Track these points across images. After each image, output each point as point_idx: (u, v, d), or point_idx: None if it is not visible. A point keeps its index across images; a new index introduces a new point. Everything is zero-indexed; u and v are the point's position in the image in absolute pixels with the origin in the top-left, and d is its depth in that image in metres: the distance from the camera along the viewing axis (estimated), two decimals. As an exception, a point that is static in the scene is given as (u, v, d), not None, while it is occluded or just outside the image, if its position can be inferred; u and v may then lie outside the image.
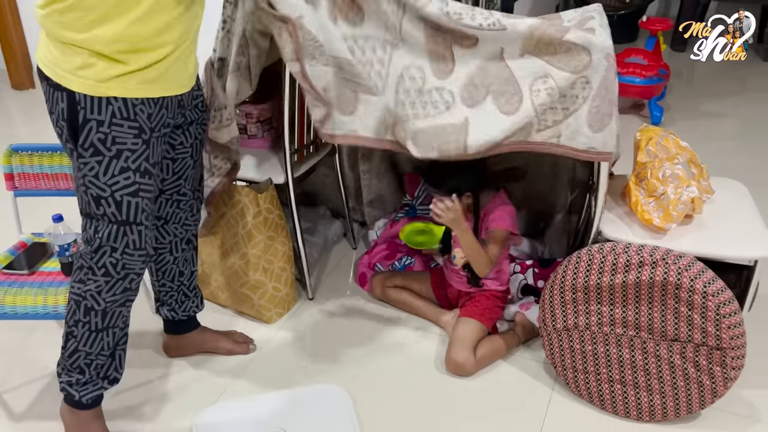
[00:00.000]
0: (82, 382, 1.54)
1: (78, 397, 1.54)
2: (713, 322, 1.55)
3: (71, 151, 1.38)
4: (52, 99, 1.34)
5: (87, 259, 1.44)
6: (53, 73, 1.32)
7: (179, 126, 1.55)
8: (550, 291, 1.73)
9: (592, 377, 1.73)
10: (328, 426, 1.68)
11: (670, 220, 1.65)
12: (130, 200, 1.40)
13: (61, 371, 1.55)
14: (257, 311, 2.04)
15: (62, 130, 1.36)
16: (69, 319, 1.49)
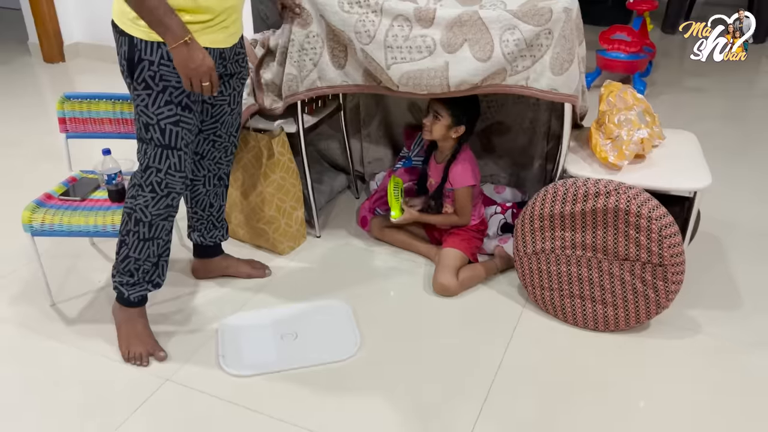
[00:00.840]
0: (131, 283, 1.85)
1: (127, 295, 1.86)
2: (656, 243, 1.84)
3: (129, 84, 1.69)
4: (118, 42, 1.66)
5: (138, 178, 1.76)
6: (120, 21, 1.63)
7: (220, 76, 1.84)
8: (521, 221, 2.03)
9: (557, 294, 2.03)
10: (333, 330, 1.99)
11: (623, 157, 1.94)
12: (172, 128, 1.70)
13: (114, 274, 1.86)
14: (272, 244, 2.35)
15: (123, 68, 1.67)
16: (123, 229, 1.80)
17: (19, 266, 2.28)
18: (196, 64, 1.61)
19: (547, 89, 1.89)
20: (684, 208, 2.04)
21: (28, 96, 3.85)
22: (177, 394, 1.77)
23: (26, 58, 4.42)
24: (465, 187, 2.19)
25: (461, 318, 2.06)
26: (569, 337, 1.99)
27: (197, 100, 1.75)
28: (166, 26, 1.56)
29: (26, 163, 3.00)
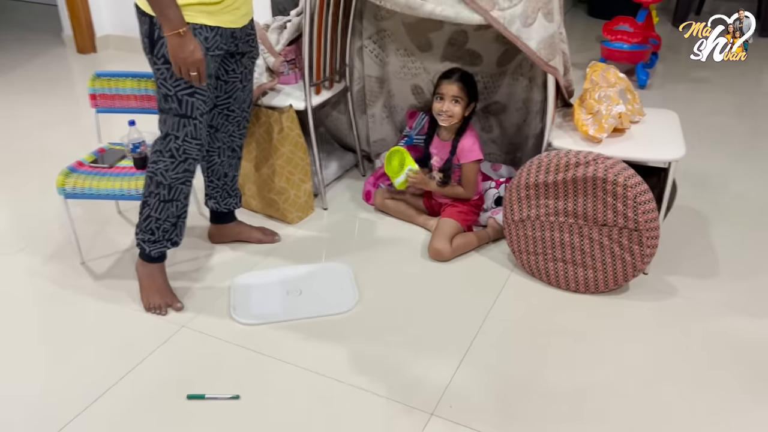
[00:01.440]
0: (152, 240, 2.06)
1: (148, 251, 2.06)
2: (632, 209, 1.99)
3: (150, 60, 1.90)
4: (140, 22, 1.87)
5: (159, 145, 1.96)
6: (142, 3, 1.84)
7: (233, 55, 2.03)
8: (509, 190, 2.20)
9: (541, 258, 2.18)
10: (334, 288, 2.18)
11: (602, 131, 2.10)
12: (188, 99, 1.90)
13: (138, 232, 2.07)
14: (282, 213, 2.54)
15: (145, 45, 1.88)
16: (145, 192, 2.01)
17: (53, 229, 2.50)
18: (185, 55, 1.79)
19: (516, 35, 2.04)
20: (660, 178, 2.18)
21: (62, 83, 4.11)
22: (192, 339, 1.97)
23: (60, 49, 4.69)
24: (472, 162, 2.36)
25: (452, 280, 2.23)
26: (552, 297, 2.15)
27: (212, 75, 1.95)
28: (165, 16, 1.75)
29: (59, 141, 3.24)
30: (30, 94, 3.90)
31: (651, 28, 4.06)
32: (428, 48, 2.59)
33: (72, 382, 1.81)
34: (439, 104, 2.33)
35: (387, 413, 1.70)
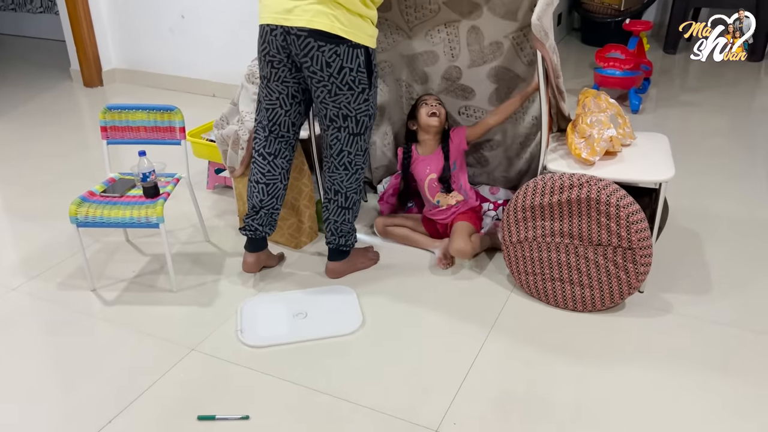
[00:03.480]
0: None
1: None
2: (625, 228, 2.07)
3: (359, 91, 2.11)
4: (348, 56, 2.05)
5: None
6: (356, 35, 2.03)
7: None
8: (506, 212, 2.27)
9: (539, 278, 2.25)
10: (338, 311, 2.24)
11: (595, 154, 2.18)
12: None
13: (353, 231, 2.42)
14: (287, 238, 2.62)
15: (355, 78, 2.08)
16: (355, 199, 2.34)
17: (65, 257, 2.57)
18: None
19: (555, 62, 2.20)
20: (652, 198, 2.26)
21: (70, 116, 4.22)
22: (201, 362, 2.03)
23: (68, 83, 4.81)
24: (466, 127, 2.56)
25: (454, 301, 2.29)
26: (551, 316, 2.21)
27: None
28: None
29: (70, 172, 3.33)
30: (40, 128, 4.00)
31: (642, 54, 4.18)
32: (425, 80, 2.69)
33: (84, 406, 1.86)
34: (426, 108, 2.50)
35: (392, 431, 1.75)
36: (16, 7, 6.06)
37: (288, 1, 2.00)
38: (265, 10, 2.07)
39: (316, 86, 2.09)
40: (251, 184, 2.31)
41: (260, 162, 2.28)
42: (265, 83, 2.19)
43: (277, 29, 2.04)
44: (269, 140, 2.27)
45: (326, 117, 2.16)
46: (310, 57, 2.03)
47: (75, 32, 4.57)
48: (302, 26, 1.99)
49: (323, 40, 2.00)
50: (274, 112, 2.23)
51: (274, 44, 2.07)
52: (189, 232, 2.75)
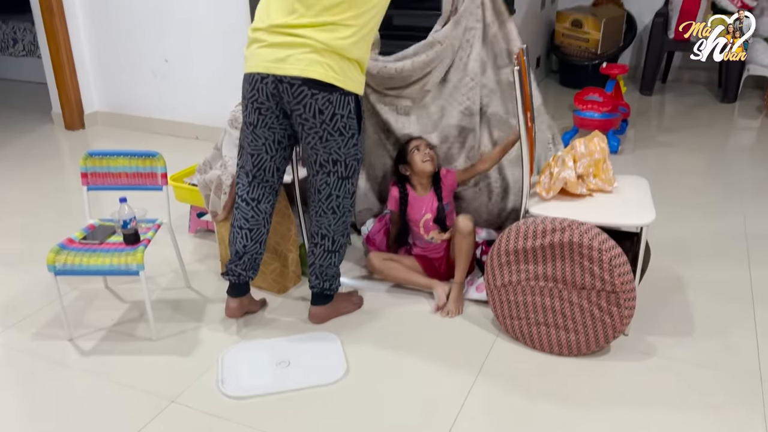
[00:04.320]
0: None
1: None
2: (608, 272, 2.07)
3: (348, 136, 2.14)
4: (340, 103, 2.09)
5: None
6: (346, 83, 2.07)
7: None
8: (490, 257, 2.27)
9: (524, 322, 2.24)
10: (322, 358, 2.20)
11: (550, 191, 2.25)
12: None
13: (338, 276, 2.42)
14: (269, 284, 2.59)
15: (346, 123, 2.12)
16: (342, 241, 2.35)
17: (42, 305, 2.52)
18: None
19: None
20: (633, 242, 2.27)
21: (51, 160, 4.18)
22: (181, 414, 1.98)
23: (49, 126, 4.79)
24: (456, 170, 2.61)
25: (439, 347, 2.27)
26: (536, 361, 2.19)
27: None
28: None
29: (49, 216, 3.28)
30: (20, 170, 3.96)
31: (620, 97, 4.26)
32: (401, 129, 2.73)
33: (60, 462, 1.80)
34: (419, 154, 2.53)
35: (378, 483, 1.71)
36: (-2, 51, 6.06)
37: (281, 51, 2.02)
38: (255, 58, 2.08)
39: (308, 132, 2.11)
40: (234, 230, 2.30)
41: (243, 207, 2.27)
42: (251, 129, 2.19)
43: (269, 77, 2.06)
44: (252, 186, 2.26)
45: (316, 162, 2.17)
46: (303, 105, 2.05)
47: (57, 75, 4.58)
48: (296, 75, 2.01)
49: (317, 88, 2.02)
50: (260, 158, 2.22)
51: (264, 92, 2.09)
52: (170, 277, 2.71)
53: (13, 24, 5.93)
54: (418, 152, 2.52)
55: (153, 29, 4.36)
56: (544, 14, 5.54)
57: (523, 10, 4.86)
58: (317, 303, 2.37)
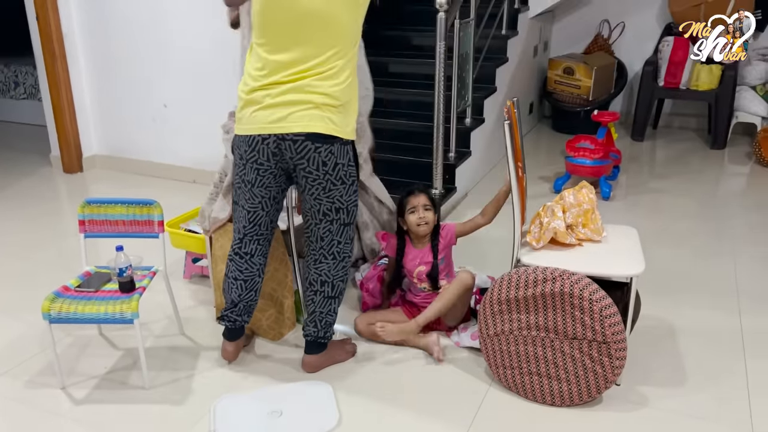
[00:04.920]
0: None
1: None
2: (599, 322, 2.09)
3: (349, 184, 2.22)
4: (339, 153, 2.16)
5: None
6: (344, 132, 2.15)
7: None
8: (483, 305, 2.29)
9: (517, 372, 2.25)
10: (314, 408, 2.20)
11: (539, 240, 2.28)
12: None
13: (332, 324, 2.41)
14: (264, 331, 2.60)
15: (346, 172, 2.19)
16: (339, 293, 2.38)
17: (35, 353, 2.52)
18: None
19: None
20: (624, 292, 2.30)
21: (49, 203, 4.22)
22: (172, 465, 1.97)
23: (47, 169, 4.84)
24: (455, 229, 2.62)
25: (432, 397, 2.27)
26: (529, 411, 2.19)
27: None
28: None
29: (45, 261, 3.30)
30: (18, 214, 3.99)
31: (611, 143, 4.34)
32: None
33: None
34: (414, 216, 2.53)
35: None
36: (-1, 93, 6.15)
37: (280, 110, 2.07)
38: (253, 121, 2.12)
39: (311, 185, 2.15)
40: (229, 281, 2.32)
41: (237, 261, 2.30)
42: (249, 188, 2.22)
43: (270, 137, 2.10)
44: (245, 242, 2.29)
45: (319, 212, 2.21)
46: (306, 159, 2.10)
47: (57, 119, 4.64)
48: (299, 132, 2.06)
49: (320, 141, 2.08)
50: (256, 215, 2.26)
51: (265, 152, 2.13)
52: (164, 324, 2.72)
53: (14, 67, 6.03)
54: (413, 214, 2.54)
55: (153, 74, 4.45)
56: (537, 61, 5.67)
57: (516, 57, 4.98)
58: (312, 351, 2.38)
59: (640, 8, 5.70)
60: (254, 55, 2.14)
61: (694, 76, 5.21)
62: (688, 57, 5.20)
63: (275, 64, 2.07)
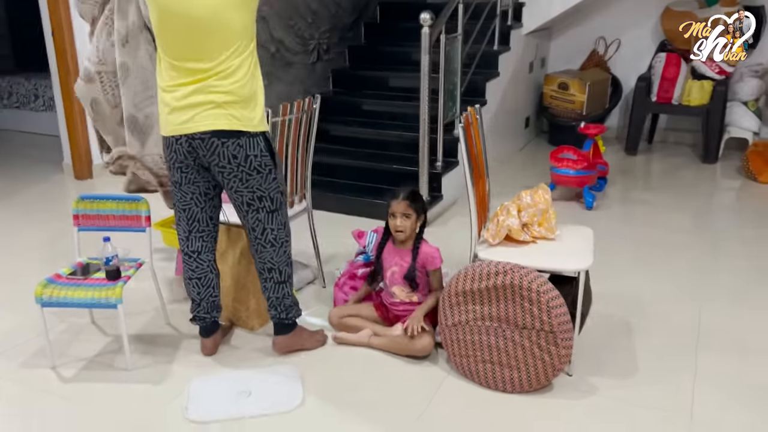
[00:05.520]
0: None
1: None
2: (546, 312, 2.23)
3: (268, 172, 2.36)
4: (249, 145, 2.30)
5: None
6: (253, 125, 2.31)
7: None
8: (443, 297, 2.44)
9: (472, 360, 2.38)
10: (281, 388, 2.36)
11: (495, 237, 2.44)
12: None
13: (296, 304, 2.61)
14: (243, 321, 2.77)
15: (261, 162, 2.33)
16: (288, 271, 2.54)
17: (30, 338, 2.72)
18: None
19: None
20: (572, 285, 2.43)
21: (58, 206, 4.45)
22: (145, 436, 2.14)
23: (59, 176, 5.09)
24: (438, 268, 2.59)
25: (392, 382, 2.42)
26: (483, 397, 2.33)
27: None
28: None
29: (47, 259, 3.52)
30: (27, 216, 4.24)
31: (598, 155, 4.46)
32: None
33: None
34: (392, 221, 2.58)
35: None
36: (20, 105, 6.47)
37: (187, 112, 2.24)
38: (167, 123, 2.30)
39: (228, 178, 2.32)
40: (186, 281, 2.53)
41: (187, 260, 2.49)
42: (178, 187, 2.41)
43: (182, 138, 2.29)
44: (191, 239, 2.47)
45: (243, 203, 2.37)
46: (217, 154, 2.27)
47: (69, 128, 4.91)
48: (205, 130, 2.25)
49: (225, 137, 2.25)
50: (191, 212, 2.43)
51: (181, 152, 2.32)
52: (150, 315, 2.91)
53: (35, 81, 6.35)
54: (392, 219, 2.57)
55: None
56: (533, 77, 5.83)
57: (509, 72, 5.14)
58: (280, 333, 2.55)
59: (636, 26, 5.84)
60: (161, 61, 2.30)
61: (686, 92, 5.33)
62: (680, 73, 5.33)
63: (178, 69, 2.24)
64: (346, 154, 4.53)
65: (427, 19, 3.64)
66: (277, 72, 4.67)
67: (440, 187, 4.11)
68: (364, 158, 4.43)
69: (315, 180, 3.11)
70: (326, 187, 4.17)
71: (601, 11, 5.93)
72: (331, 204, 4.09)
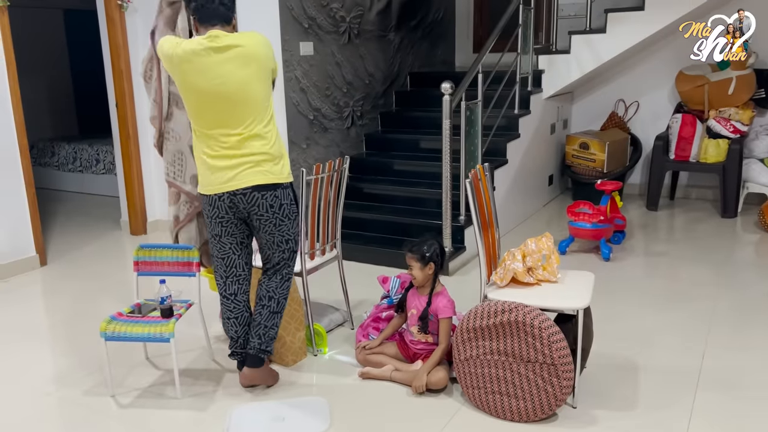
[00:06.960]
0: None
1: None
2: (547, 346, 2.48)
3: (291, 220, 2.77)
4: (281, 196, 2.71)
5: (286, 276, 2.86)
6: (283, 177, 2.72)
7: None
8: (456, 333, 2.71)
9: (482, 391, 2.63)
10: (310, 416, 2.65)
11: (502, 280, 2.70)
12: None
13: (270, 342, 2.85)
14: (279, 357, 3.08)
15: (288, 210, 2.74)
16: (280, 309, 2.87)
17: (94, 369, 3.07)
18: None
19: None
20: (572, 323, 2.68)
21: (116, 259, 4.90)
22: (191, 453, 2.44)
23: (117, 232, 5.57)
24: (447, 318, 2.85)
25: (411, 412, 2.67)
26: (494, 426, 2.56)
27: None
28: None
29: (109, 303, 3.91)
30: (88, 268, 4.68)
31: (615, 210, 4.72)
32: None
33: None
34: (408, 272, 2.94)
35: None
36: (83, 169, 7.08)
37: (228, 172, 2.61)
38: (209, 184, 2.65)
39: (264, 224, 2.70)
40: (224, 320, 2.86)
41: (225, 302, 2.83)
42: (218, 239, 2.76)
43: (224, 195, 2.66)
44: (227, 284, 2.82)
45: (274, 243, 2.75)
46: (257, 205, 2.66)
47: (128, 189, 5.41)
48: (246, 186, 2.63)
49: (264, 189, 2.65)
50: (230, 260, 2.79)
51: (222, 207, 2.68)
52: (198, 352, 3.24)
53: (97, 146, 6.97)
54: (409, 270, 2.88)
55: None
56: (555, 138, 6.16)
57: (530, 134, 5.49)
58: (253, 365, 2.80)
59: (653, 88, 6.16)
60: (194, 130, 2.66)
61: (702, 150, 5.57)
62: (696, 132, 5.59)
63: (211, 137, 2.60)
64: (377, 209, 4.89)
65: (448, 88, 4.03)
66: (315, 136, 5.11)
67: (463, 239, 4.41)
68: (392, 213, 4.79)
69: (347, 233, 3.46)
70: (358, 240, 4.53)
71: (620, 75, 6.28)
72: (361, 255, 4.43)
